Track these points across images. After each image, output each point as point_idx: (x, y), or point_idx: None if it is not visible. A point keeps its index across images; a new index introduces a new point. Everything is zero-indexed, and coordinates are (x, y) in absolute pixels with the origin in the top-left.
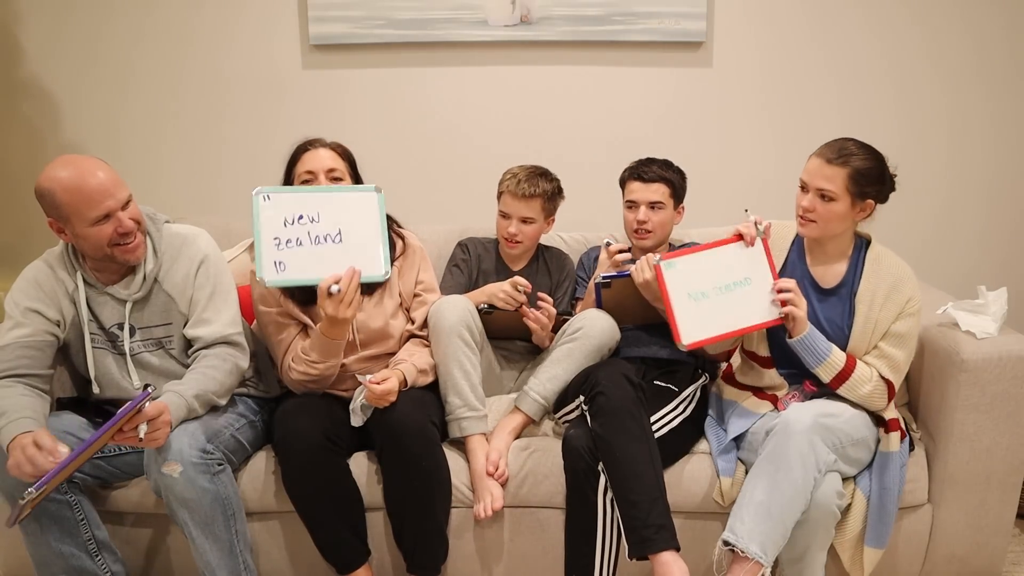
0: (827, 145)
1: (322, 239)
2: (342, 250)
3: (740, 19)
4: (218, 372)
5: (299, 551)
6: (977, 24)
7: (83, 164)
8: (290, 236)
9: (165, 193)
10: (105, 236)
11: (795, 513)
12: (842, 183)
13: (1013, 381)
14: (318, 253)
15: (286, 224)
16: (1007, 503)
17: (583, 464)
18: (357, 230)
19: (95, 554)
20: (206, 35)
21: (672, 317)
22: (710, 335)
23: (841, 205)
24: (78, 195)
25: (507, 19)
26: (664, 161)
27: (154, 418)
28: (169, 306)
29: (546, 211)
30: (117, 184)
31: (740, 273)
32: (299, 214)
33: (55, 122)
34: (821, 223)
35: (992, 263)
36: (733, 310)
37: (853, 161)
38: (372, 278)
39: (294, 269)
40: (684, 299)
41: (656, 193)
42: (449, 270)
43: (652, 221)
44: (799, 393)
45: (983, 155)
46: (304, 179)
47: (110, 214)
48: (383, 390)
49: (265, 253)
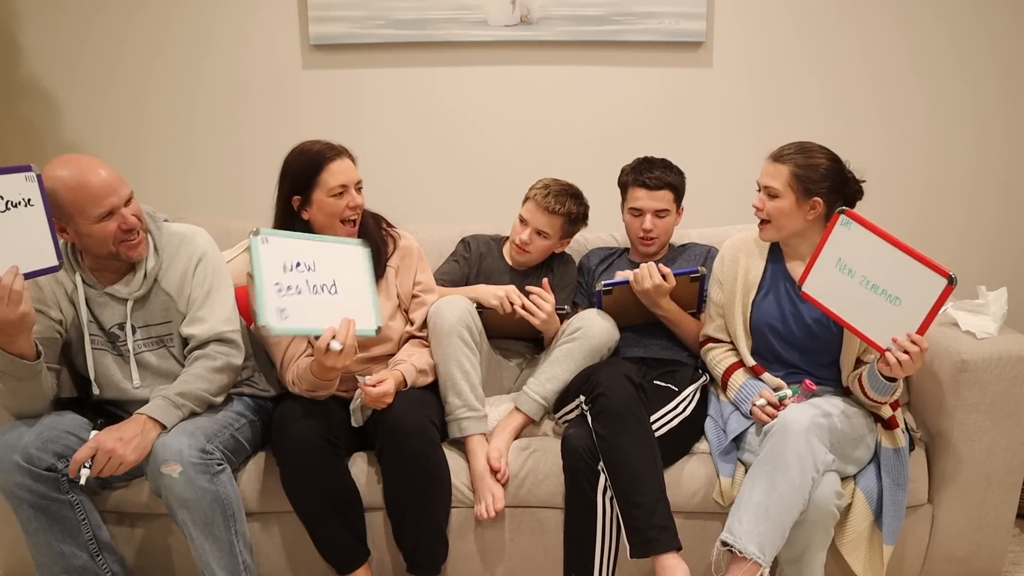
0: (780, 146)
1: (319, 288)
2: (337, 302)
3: (740, 19)
4: (207, 371)
5: (299, 551)
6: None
7: (83, 162)
8: (290, 283)
9: (164, 193)
10: (110, 233)
11: (793, 513)
12: (784, 180)
13: (1013, 381)
14: (317, 303)
15: (285, 269)
16: (1007, 503)
17: (583, 464)
18: (349, 282)
19: (96, 554)
20: (206, 35)
21: (814, 261)
22: (826, 304)
23: (785, 202)
24: (82, 193)
25: (507, 19)
26: (664, 162)
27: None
28: (168, 304)
29: (564, 231)
30: (119, 181)
31: (899, 289)
32: (296, 261)
33: (54, 122)
34: (773, 223)
35: (974, 261)
36: (862, 306)
37: (796, 159)
38: (363, 332)
39: (296, 318)
40: (833, 260)
41: (662, 201)
42: (448, 262)
43: (658, 229)
44: (799, 393)
45: (998, 154)
46: (336, 192)
47: (114, 211)
48: (378, 392)
49: (267, 298)
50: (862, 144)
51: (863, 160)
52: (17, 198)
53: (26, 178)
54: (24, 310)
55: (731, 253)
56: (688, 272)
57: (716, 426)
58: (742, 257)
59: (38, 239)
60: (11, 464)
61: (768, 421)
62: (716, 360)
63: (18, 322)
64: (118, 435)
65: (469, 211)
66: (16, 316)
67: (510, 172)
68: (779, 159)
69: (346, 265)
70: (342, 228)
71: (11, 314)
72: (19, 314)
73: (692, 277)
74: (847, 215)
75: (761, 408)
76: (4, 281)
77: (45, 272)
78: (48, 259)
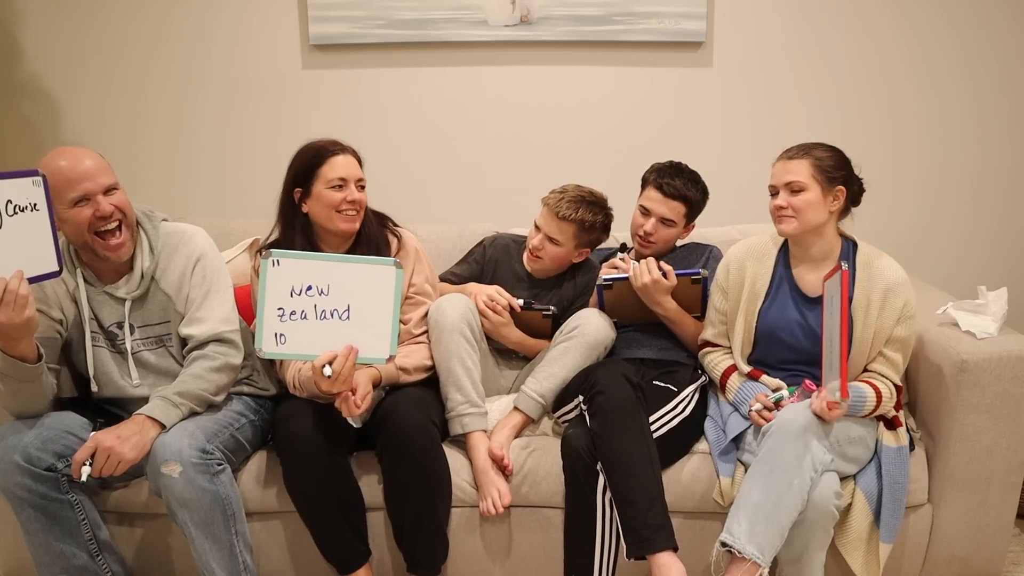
0: (786, 149)
1: (328, 314)
2: (347, 328)
3: (740, 19)
4: (206, 371)
5: (299, 551)
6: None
7: (69, 151)
8: (295, 308)
9: (164, 193)
10: (84, 219)
11: (792, 514)
12: (807, 172)
13: (1013, 381)
14: (322, 329)
15: (292, 294)
16: (1007, 503)
17: (582, 464)
18: (368, 306)
19: (96, 554)
20: (206, 35)
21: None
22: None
23: (812, 194)
24: (58, 176)
25: (507, 19)
26: (692, 175)
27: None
28: (166, 305)
29: (578, 240)
30: (100, 170)
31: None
32: (308, 284)
33: (54, 122)
34: (799, 217)
35: (974, 261)
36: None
37: (813, 151)
38: (373, 360)
39: (294, 344)
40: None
41: (671, 211)
42: (462, 262)
43: (658, 235)
44: (799, 393)
45: (998, 154)
46: (335, 184)
47: (88, 196)
48: (362, 411)
49: (267, 324)
50: (862, 144)
51: (863, 160)
52: (24, 202)
53: (33, 182)
54: (29, 315)
55: (738, 261)
56: (689, 273)
57: (716, 426)
58: (750, 264)
59: (41, 244)
60: (11, 464)
61: (764, 424)
62: (714, 363)
63: (23, 326)
64: (116, 434)
65: (469, 211)
66: (21, 321)
67: (510, 172)
68: (794, 156)
69: (370, 287)
70: (339, 220)
71: (16, 319)
72: (24, 319)
73: (693, 279)
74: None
75: (758, 412)
76: (10, 286)
77: (46, 277)
78: (49, 264)
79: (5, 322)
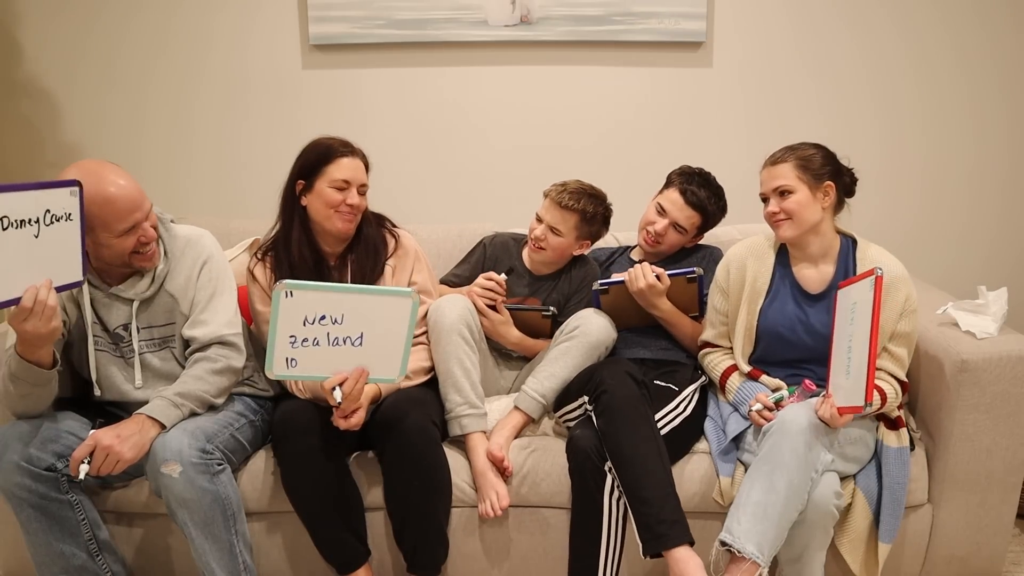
0: (771, 154)
1: (340, 341)
2: (359, 353)
3: (740, 19)
4: (208, 373)
5: (299, 551)
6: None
7: (105, 174)
8: (307, 335)
9: (164, 193)
10: (129, 247)
11: (792, 513)
12: (793, 173)
13: (1013, 381)
14: (333, 353)
15: (305, 323)
16: (1007, 503)
17: (590, 465)
18: (381, 334)
19: (96, 554)
20: (206, 35)
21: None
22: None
23: (801, 194)
24: (107, 208)
25: (507, 19)
26: (717, 190)
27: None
28: (172, 306)
29: (580, 231)
30: (141, 194)
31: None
32: (321, 314)
33: (54, 122)
34: (794, 218)
35: (974, 261)
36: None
37: (796, 152)
38: (384, 380)
39: (304, 367)
40: (849, 303)
41: (687, 219)
42: (462, 263)
43: (667, 238)
44: (799, 393)
45: (997, 154)
46: (337, 185)
47: (136, 225)
48: (354, 422)
49: (278, 350)
50: (862, 144)
51: (862, 160)
52: (60, 212)
53: (71, 193)
54: (55, 325)
55: (738, 260)
56: (684, 273)
57: (716, 426)
58: (751, 262)
59: (70, 253)
60: (11, 464)
61: (764, 424)
62: (713, 364)
63: (48, 336)
64: (116, 432)
65: (469, 211)
66: (48, 330)
67: (510, 172)
68: (778, 160)
69: (386, 317)
70: (336, 219)
71: (43, 328)
72: (50, 328)
73: (689, 278)
74: (876, 280)
75: (758, 412)
76: (40, 296)
77: (71, 287)
78: (75, 274)
79: (31, 331)
